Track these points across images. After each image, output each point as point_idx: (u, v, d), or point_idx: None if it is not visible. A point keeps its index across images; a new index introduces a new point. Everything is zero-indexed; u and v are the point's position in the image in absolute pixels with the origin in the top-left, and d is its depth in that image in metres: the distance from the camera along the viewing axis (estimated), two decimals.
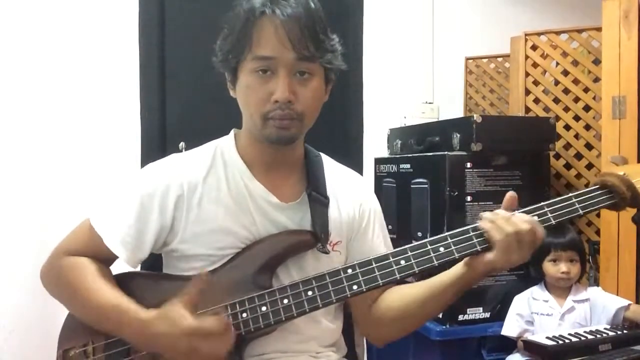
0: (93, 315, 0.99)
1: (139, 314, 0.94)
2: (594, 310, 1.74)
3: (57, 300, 1.05)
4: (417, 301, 1.06)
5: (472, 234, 0.97)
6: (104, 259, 1.04)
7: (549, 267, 1.76)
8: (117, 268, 1.07)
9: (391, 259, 0.97)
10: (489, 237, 0.95)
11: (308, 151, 1.14)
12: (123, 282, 1.04)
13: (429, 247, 0.97)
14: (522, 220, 0.94)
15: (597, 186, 1.02)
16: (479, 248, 0.96)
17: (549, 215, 0.98)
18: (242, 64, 1.00)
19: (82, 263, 1.03)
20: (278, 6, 0.96)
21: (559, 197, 1.00)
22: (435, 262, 0.96)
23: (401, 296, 1.09)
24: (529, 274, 1.84)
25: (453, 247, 0.96)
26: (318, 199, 1.07)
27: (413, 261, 0.96)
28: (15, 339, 2.06)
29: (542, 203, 0.99)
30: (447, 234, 0.97)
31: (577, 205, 0.99)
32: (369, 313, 1.12)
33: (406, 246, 0.98)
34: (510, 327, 1.76)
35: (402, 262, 0.97)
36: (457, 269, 1.01)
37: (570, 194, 1.00)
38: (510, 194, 0.99)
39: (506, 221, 0.94)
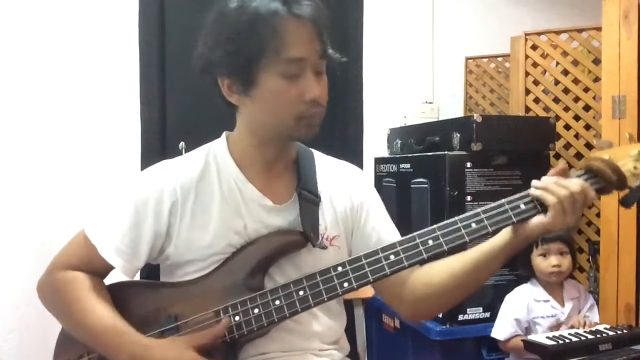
0: (88, 335, 0.99)
1: (139, 337, 0.95)
2: (579, 307, 1.78)
3: (51, 313, 1.04)
4: (465, 271, 1.04)
5: (460, 224, 0.97)
6: (100, 269, 1.04)
7: (538, 262, 1.75)
8: (115, 277, 1.07)
9: (380, 255, 0.97)
10: (542, 201, 0.96)
11: (299, 149, 1.13)
12: (118, 291, 1.04)
13: (418, 240, 0.97)
14: (573, 183, 0.95)
15: (583, 171, 1.01)
16: (467, 239, 0.97)
17: (537, 202, 0.98)
18: (265, 68, 0.96)
19: (78, 279, 1.02)
20: (300, 6, 0.95)
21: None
22: (425, 255, 0.97)
23: (443, 270, 1.06)
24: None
25: (442, 239, 0.97)
26: (308, 197, 1.07)
27: (402, 255, 0.97)
28: (15, 339, 2.06)
29: (528, 190, 0.99)
30: (435, 226, 0.98)
31: None
32: (402, 293, 1.11)
33: (395, 241, 0.99)
34: (503, 330, 1.74)
35: (392, 257, 0.97)
36: (506, 236, 1.00)
37: (557, 179, 0.99)
38: (562, 166, 1.00)
39: (557, 184, 0.95)
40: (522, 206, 0.98)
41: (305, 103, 0.97)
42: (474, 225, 0.97)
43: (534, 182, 0.98)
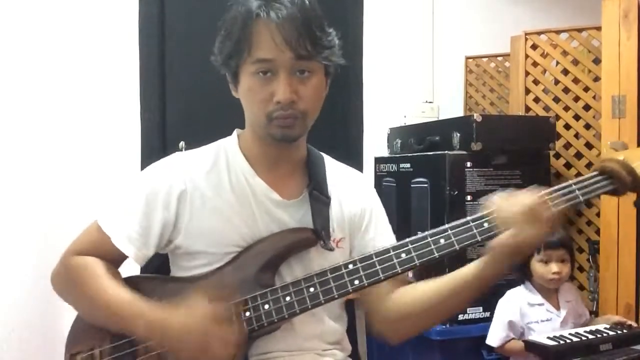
0: (103, 312, 1.00)
1: (156, 307, 0.96)
2: (575, 310, 1.76)
3: (67, 301, 1.06)
4: (441, 295, 1.03)
5: (472, 224, 0.97)
6: (113, 258, 1.05)
7: (538, 267, 1.72)
8: (125, 269, 1.08)
9: (392, 253, 0.97)
10: (496, 218, 0.94)
11: (310, 151, 1.15)
12: (129, 285, 1.04)
13: (430, 239, 0.97)
14: (526, 196, 0.94)
15: (597, 172, 1.00)
16: (479, 238, 0.96)
17: (550, 203, 0.96)
18: (242, 67, 1.00)
19: (91, 262, 1.04)
20: (273, 8, 0.96)
21: (559, 185, 0.98)
22: (436, 254, 0.96)
23: (422, 292, 1.07)
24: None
25: (453, 239, 0.96)
26: (319, 197, 1.08)
27: (414, 254, 0.96)
28: (16, 338, 2.06)
29: (543, 192, 0.97)
30: (447, 225, 0.97)
31: (578, 192, 0.98)
32: (380, 310, 1.11)
33: (407, 240, 0.98)
34: (496, 335, 1.72)
35: (403, 255, 0.97)
36: (477, 261, 0.99)
37: (570, 181, 0.99)
38: None
39: (506, 200, 0.94)
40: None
41: (274, 104, 0.99)
42: (486, 225, 0.96)
43: (485, 203, 0.97)
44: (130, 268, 1.10)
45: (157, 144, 2.35)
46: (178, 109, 2.41)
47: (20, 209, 2.10)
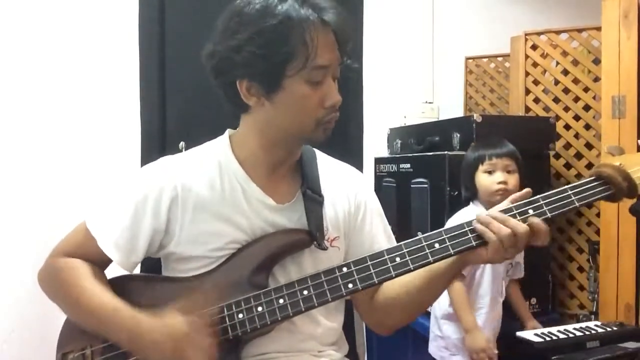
0: (87, 316, 0.99)
1: (139, 314, 0.95)
2: None
3: (53, 301, 1.05)
4: (417, 288, 1.06)
5: (467, 228, 0.96)
6: (99, 261, 1.05)
7: (483, 179, 1.63)
8: (114, 271, 1.07)
9: (386, 256, 0.97)
10: (483, 238, 0.95)
11: (303, 149, 1.14)
12: (121, 285, 1.04)
13: (424, 243, 0.97)
14: (521, 225, 0.93)
15: (593, 177, 0.99)
16: (474, 243, 0.95)
17: (545, 208, 0.96)
18: (292, 73, 0.96)
19: (77, 264, 1.03)
20: (328, 13, 0.97)
21: (555, 190, 0.98)
22: (431, 259, 0.96)
23: (401, 285, 1.08)
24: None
25: (448, 243, 0.96)
26: (312, 197, 1.07)
27: (408, 258, 0.96)
28: (16, 339, 2.06)
29: (538, 196, 0.97)
30: (442, 229, 0.97)
31: (573, 197, 0.97)
32: (371, 304, 1.13)
33: (401, 243, 0.98)
34: None
35: (397, 259, 0.96)
36: (449, 261, 1.00)
37: (566, 186, 0.98)
38: (527, 191, 0.98)
39: (503, 223, 0.93)
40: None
41: (325, 108, 0.99)
42: None
43: (478, 217, 0.96)
44: None
45: (157, 144, 2.36)
46: (178, 109, 2.42)
47: (20, 210, 2.10)
